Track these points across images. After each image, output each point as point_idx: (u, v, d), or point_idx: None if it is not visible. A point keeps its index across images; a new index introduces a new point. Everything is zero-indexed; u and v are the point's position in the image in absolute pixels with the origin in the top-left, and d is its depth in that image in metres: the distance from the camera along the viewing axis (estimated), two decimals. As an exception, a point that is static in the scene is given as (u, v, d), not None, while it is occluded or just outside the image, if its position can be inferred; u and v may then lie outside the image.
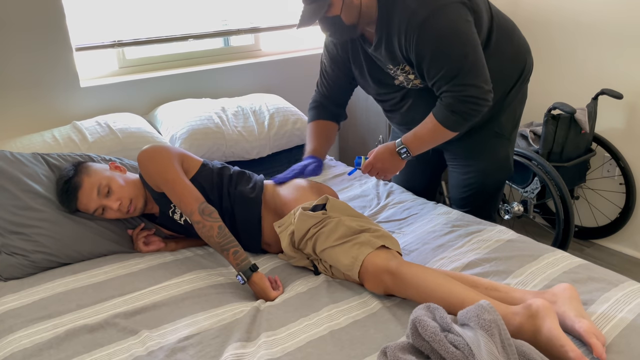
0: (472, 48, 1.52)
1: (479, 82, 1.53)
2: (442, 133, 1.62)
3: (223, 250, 1.49)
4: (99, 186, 1.60)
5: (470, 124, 1.61)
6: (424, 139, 1.64)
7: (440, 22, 1.49)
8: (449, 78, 1.54)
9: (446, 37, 1.50)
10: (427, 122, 1.63)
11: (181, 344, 1.24)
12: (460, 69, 1.51)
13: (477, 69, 1.53)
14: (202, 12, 2.56)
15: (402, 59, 1.62)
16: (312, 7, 1.50)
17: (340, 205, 1.55)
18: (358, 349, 1.21)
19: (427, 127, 1.63)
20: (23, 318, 1.34)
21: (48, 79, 2.15)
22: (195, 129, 2.16)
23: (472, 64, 1.52)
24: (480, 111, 1.57)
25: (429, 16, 1.48)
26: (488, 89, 1.56)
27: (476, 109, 1.56)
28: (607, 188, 2.69)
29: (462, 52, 1.51)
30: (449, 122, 1.59)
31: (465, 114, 1.56)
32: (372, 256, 1.37)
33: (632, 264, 2.60)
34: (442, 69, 1.53)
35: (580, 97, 2.69)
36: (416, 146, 1.66)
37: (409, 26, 1.51)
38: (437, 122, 1.60)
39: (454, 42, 1.50)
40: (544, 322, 1.13)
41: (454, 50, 1.51)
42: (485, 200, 2.00)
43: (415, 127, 1.67)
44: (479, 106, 1.55)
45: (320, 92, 1.94)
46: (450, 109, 1.56)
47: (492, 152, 1.90)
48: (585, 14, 2.57)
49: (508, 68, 1.75)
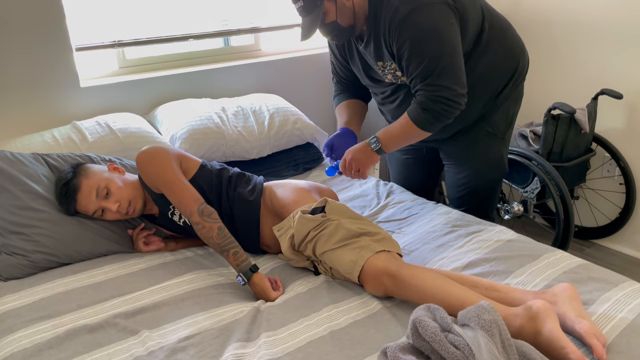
0: (449, 49, 1.54)
1: (452, 84, 1.55)
2: (413, 131, 1.64)
3: (223, 251, 1.49)
4: (97, 188, 1.60)
5: (442, 125, 1.63)
6: (395, 135, 1.67)
7: (421, 19, 1.52)
8: (423, 76, 1.56)
9: (425, 34, 1.53)
10: (400, 119, 1.66)
11: (181, 344, 1.24)
12: (434, 67, 1.54)
13: (453, 71, 1.55)
14: (202, 12, 2.56)
15: (388, 57, 1.65)
16: (309, 19, 1.57)
17: (340, 207, 1.55)
18: (358, 349, 1.21)
19: (399, 123, 1.66)
20: (23, 318, 1.34)
21: (48, 79, 2.15)
22: (195, 129, 2.16)
23: (447, 64, 1.54)
24: (451, 113, 1.59)
25: (410, 13, 1.52)
26: (461, 93, 1.57)
27: (447, 110, 1.58)
28: (607, 188, 2.69)
29: (438, 51, 1.53)
30: (420, 120, 1.61)
31: (436, 114, 1.58)
32: (372, 259, 1.37)
33: (632, 264, 2.60)
34: (419, 66, 1.56)
35: (580, 97, 2.69)
36: (387, 140, 1.67)
37: (392, 23, 1.55)
38: (409, 119, 1.63)
39: (431, 40, 1.53)
40: (545, 323, 1.13)
41: (430, 48, 1.53)
42: (481, 199, 2.00)
43: (390, 124, 1.70)
44: (451, 107, 1.57)
45: (338, 83, 1.99)
46: (422, 107, 1.59)
47: (485, 152, 1.90)
48: (585, 14, 2.57)
49: (500, 67, 1.76)
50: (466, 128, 1.84)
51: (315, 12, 1.56)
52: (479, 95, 1.75)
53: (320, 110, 2.94)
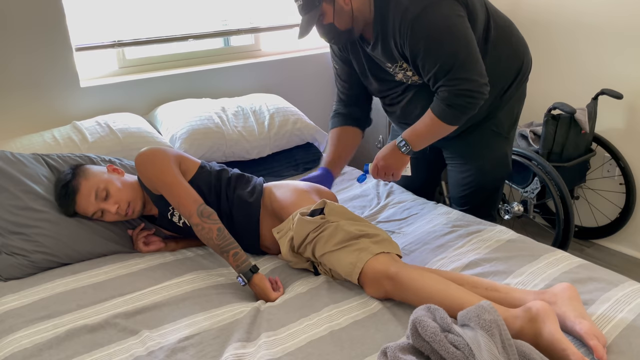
0: (465, 42, 1.54)
1: (473, 76, 1.55)
2: (440, 127, 1.64)
3: (223, 252, 1.49)
4: (96, 190, 1.60)
5: (468, 117, 1.64)
6: (423, 133, 1.67)
7: (433, 17, 1.52)
8: (443, 72, 1.56)
9: (439, 32, 1.52)
10: (425, 117, 1.66)
11: (181, 344, 1.24)
12: (453, 63, 1.54)
13: (471, 62, 1.55)
14: (202, 12, 2.56)
15: (399, 57, 1.65)
16: (307, 18, 1.59)
17: (339, 209, 1.55)
18: (358, 349, 1.21)
19: (425, 121, 1.66)
20: (23, 318, 1.34)
21: (48, 79, 2.15)
22: (195, 129, 2.16)
23: (465, 58, 1.54)
24: (476, 104, 1.59)
25: (421, 12, 1.51)
26: (483, 82, 1.58)
27: (472, 102, 1.58)
28: (607, 188, 2.69)
29: (455, 46, 1.53)
30: (446, 116, 1.61)
31: (462, 107, 1.58)
32: (372, 261, 1.37)
33: (632, 264, 2.60)
34: (436, 63, 1.55)
35: (580, 97, 2.68)
36: (416, 140, 1.68)
37: (402, 23, 1.54)
38: (435, 116, 1.63)
39: (446, 36, 1.53)
40: (545, 325, 1.13)
41: (447, 45, 1.53)
42: (484, 198, 2.00)
43: (415, 123, 1.70)
44: (475, 99, 1.58)
45: (340, 99, 1.97)
46: (446, 103, 1.59)
47: (489, 151, 1.90)
48: (585, 14, 2.57)
49: (505, 66, 1.76)
50: (472, 127, 1.85)
51: (313, 12, 1.57)
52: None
53: (320, 110, 2.94)
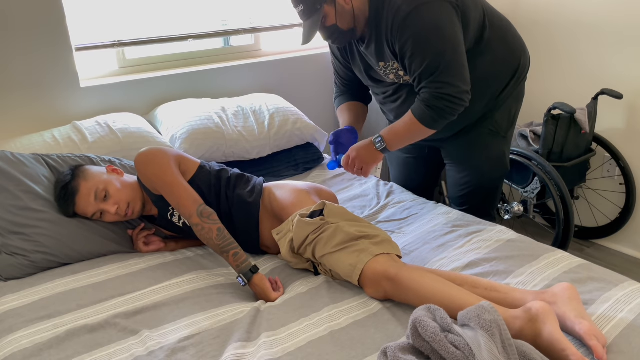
0: (452, 46, 1.54)
1: (456, 81, 1.56)
2: (418, 129, 1.64)
3: (223, 252, 1.49)
4: (96, 190, 1.60)
5: (447, 123, 1.64)
6: (400, 133, 1.67)
7: (423, 17, 1.53)
8: (427, 74, 1.57)
9: (427, 32, 1.53)
10: (405, 117, 1.66)
11: (181, 344, 1.24)
12: (438, 65, 1.54)
13: (456, 67, 1.55)
14: (202, 12, 2.56)
15: (390, 56, 1.65)
16: (309, 22, 1.59)
17: (338, 210, 1.54)
18: (358, 349, 1.21)
19: (404, 122, 1.66)
20: (23, 318, 1.34)
21: (48, 79, 2.15)
22: (195, 129, 2.16)
23: (451, 60, 1.54)
24: (455, 110, 1.59)
25: (412, 10, 1.52)
26: (465, 89, 1.58)
27: (451, 107, 1.58)
28: (607, 188, 2.69)
29: (441, 48, 1.53)
30: (425, 118, 1.61)
31: (441, 111, 1.58)
32: (371, 263, 1.37)
33: (632, 264, 2.60)
34: (422, 64, 1.56)
35: (580, 97, 2.68)
36: (392, 139, 1.68)
37: (394, 21, 1.56)
38: (414, 117, 1.63)
39: (434, 37, 1.53)
40: (545, 325, 1.13)
41: (433, 46, 1.53)
42: (483, 198, 2.00)
43: (395, 122, 1.70)
44: (454, 104, 1.58)
45: (340, 85, 2.00)
46: (426, 104, 1.59)
47: (487, 150, 1.91)
48: (585, 14, 2.57)
49: (501, 66, 1.76)
50: (469, 127, 1.85)
51: (315, 16, 1.57)
52: (481, 93, 1.75)
53: (320, 110, 2.94)
